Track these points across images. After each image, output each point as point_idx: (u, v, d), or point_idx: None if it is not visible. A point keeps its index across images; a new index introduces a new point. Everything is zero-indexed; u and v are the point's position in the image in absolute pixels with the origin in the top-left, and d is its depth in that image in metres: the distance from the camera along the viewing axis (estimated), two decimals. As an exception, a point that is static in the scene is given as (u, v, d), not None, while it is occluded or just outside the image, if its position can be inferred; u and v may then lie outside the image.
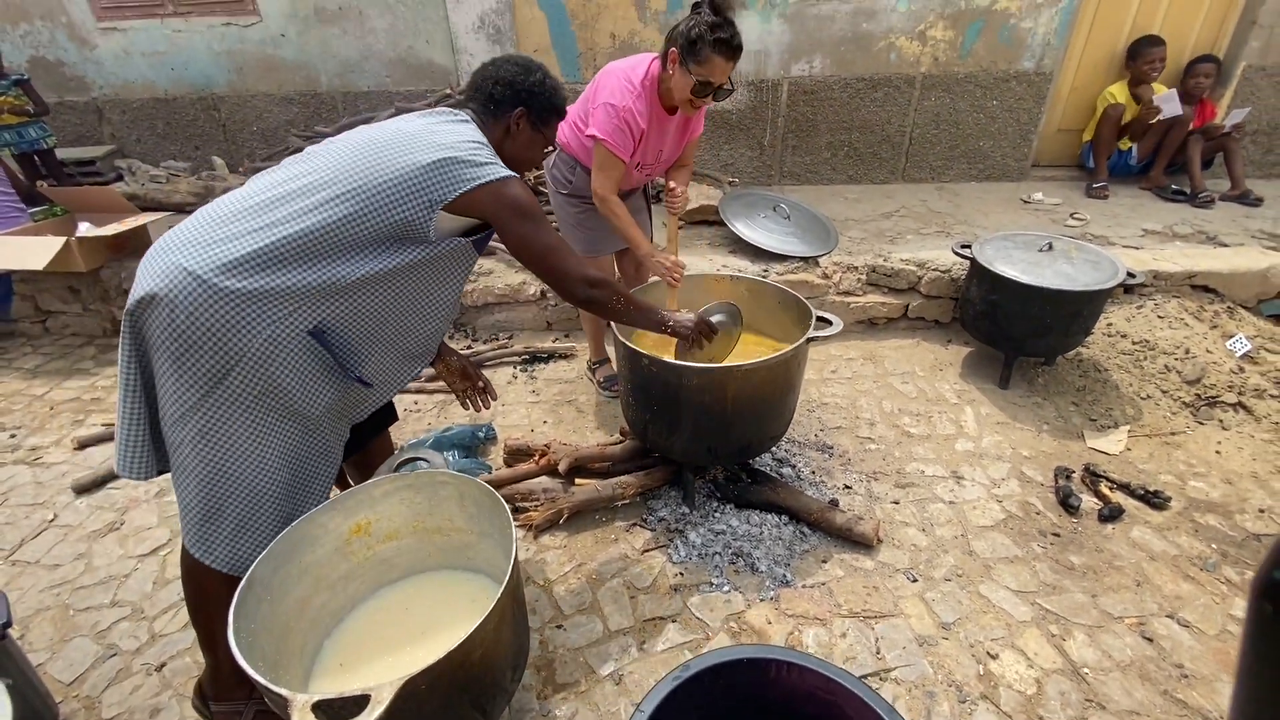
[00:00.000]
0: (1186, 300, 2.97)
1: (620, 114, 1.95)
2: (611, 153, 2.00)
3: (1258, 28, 3.76)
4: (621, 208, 2.10)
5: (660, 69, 1.98)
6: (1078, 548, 2.01)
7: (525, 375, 2.99)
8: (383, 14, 4.02)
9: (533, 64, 1.46)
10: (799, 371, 1.94)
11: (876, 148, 4.17)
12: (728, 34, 1.80)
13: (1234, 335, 2.81)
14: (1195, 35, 3.92)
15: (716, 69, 1.84)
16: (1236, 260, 3.03)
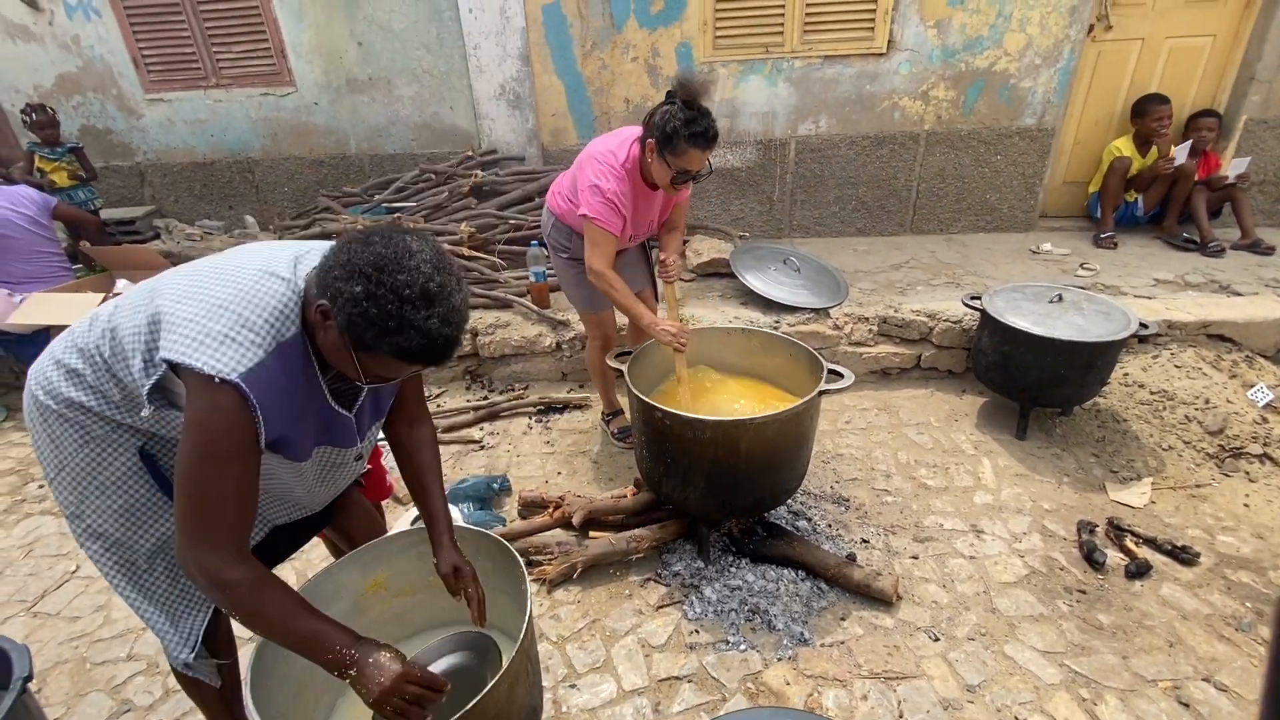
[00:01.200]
0: (1203, 349, 2.95)
1: (606, 195, 2.03)
2: (604, 229, 2.07)
3: (1256, 83, 3.85)
4: (619, 281, 2.15)
5: (640, 153, 2.06)
6: (1105, 606, 1.96)
7: (540, 426, 3.02)
8: (410, 83, 4.25)
9: (370, 272, 0.94)
10: (812, 424, 1.95)
11: (884, 201, 4.27)
12: (702, 127, 1.87)
13: (1254, 385, 2.78)
14: (1194, 91, 4.02)
15: (693, 160, 1.92)
16: (1252, 309, 3.02)
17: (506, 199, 4.00)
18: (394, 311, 0.93)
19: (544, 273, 3.30)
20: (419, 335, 0.95)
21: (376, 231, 1.00)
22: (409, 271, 0.94)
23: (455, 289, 0.99)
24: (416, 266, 0.95)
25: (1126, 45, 3.93)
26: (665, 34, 3.93)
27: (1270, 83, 3.84)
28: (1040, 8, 3.70)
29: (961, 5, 3.72)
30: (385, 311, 0.93)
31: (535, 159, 4.33)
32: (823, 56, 3.90)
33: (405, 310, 0.94)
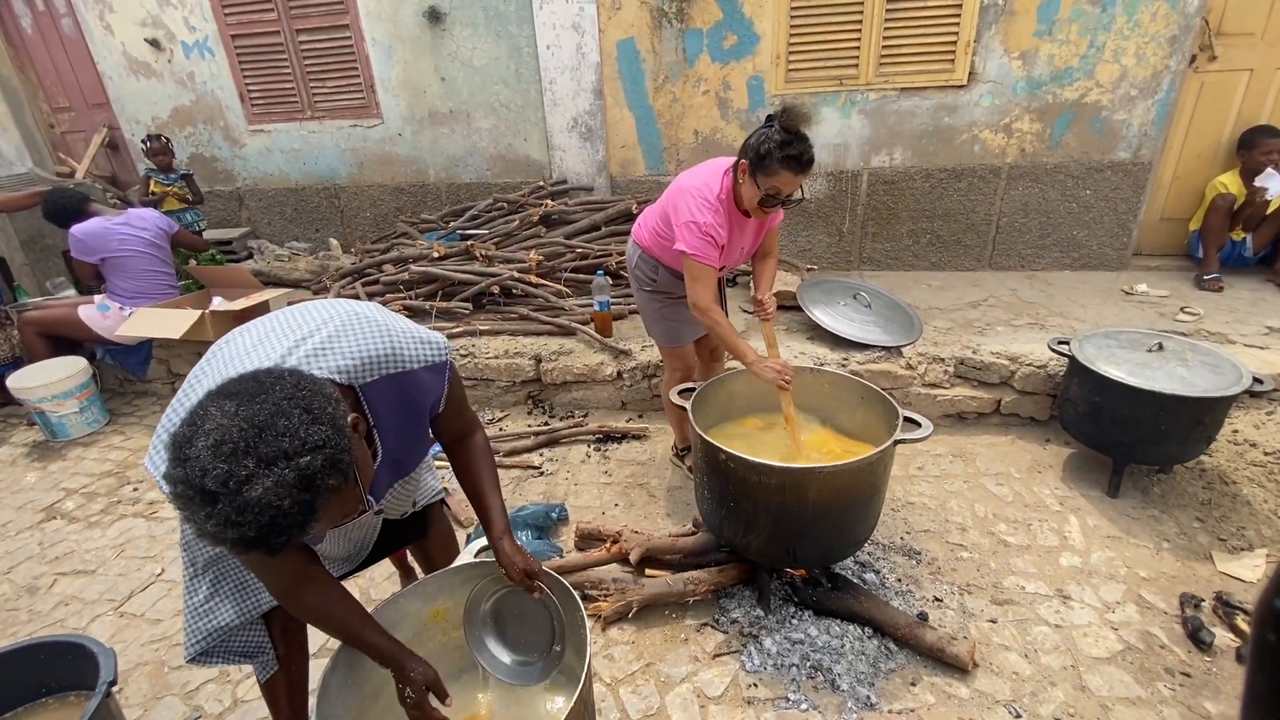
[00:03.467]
0: (1328, 408, 2.67)
1: (703, 229, 2.03)
2: (703, 264, 2.06)
3: (1388, 116, 3.52)
4: (723, 317, 2.15)
5: (732, 179, 2.05)
6: (1213, 693, 1.76)
7: (599, 455, 3.02)
8: (487, 116, 4.43)
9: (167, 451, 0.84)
10: (885, 475, 1.86)
11: (961, 235, 4.11)
12: (797, 150, 1.85)
13: (1392, 450, 2.48)
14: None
15: (785, 182, 1.90)
16: (1387, 365, 2.72)
17: (574, 228, 4.08)
18: (182, 502, 0.82)
19: (608, 302, 3.33)
20: (208, 537, 0.82)
21: (223, 390, 0.88)
22: (187, 463, 0.80)
23: (259, 476, 0.80)
24: (196, 456, 0.80)
25: (1233, 76, 3.68)
26: (737, 67, 3.95)
27: (1405, 115, 3.50)
28: (1136, 38, 3.51)
29: (1049, 36, 3.58)
30: (177, 496, 0.82)
31: (604, 189, 4.41)
32: (899, 89, 3.82)
33: (189, 508, 0.81)
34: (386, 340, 1.13)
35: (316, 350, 1.07)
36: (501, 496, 1.42)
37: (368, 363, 1.09)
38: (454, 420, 1.37)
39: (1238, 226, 3.71)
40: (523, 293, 3.69)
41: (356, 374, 1.08)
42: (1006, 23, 3.58)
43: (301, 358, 1.05)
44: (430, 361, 1.19)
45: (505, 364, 3.37)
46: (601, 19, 3.98)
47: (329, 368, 1.06)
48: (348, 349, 1.08)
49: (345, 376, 1.07)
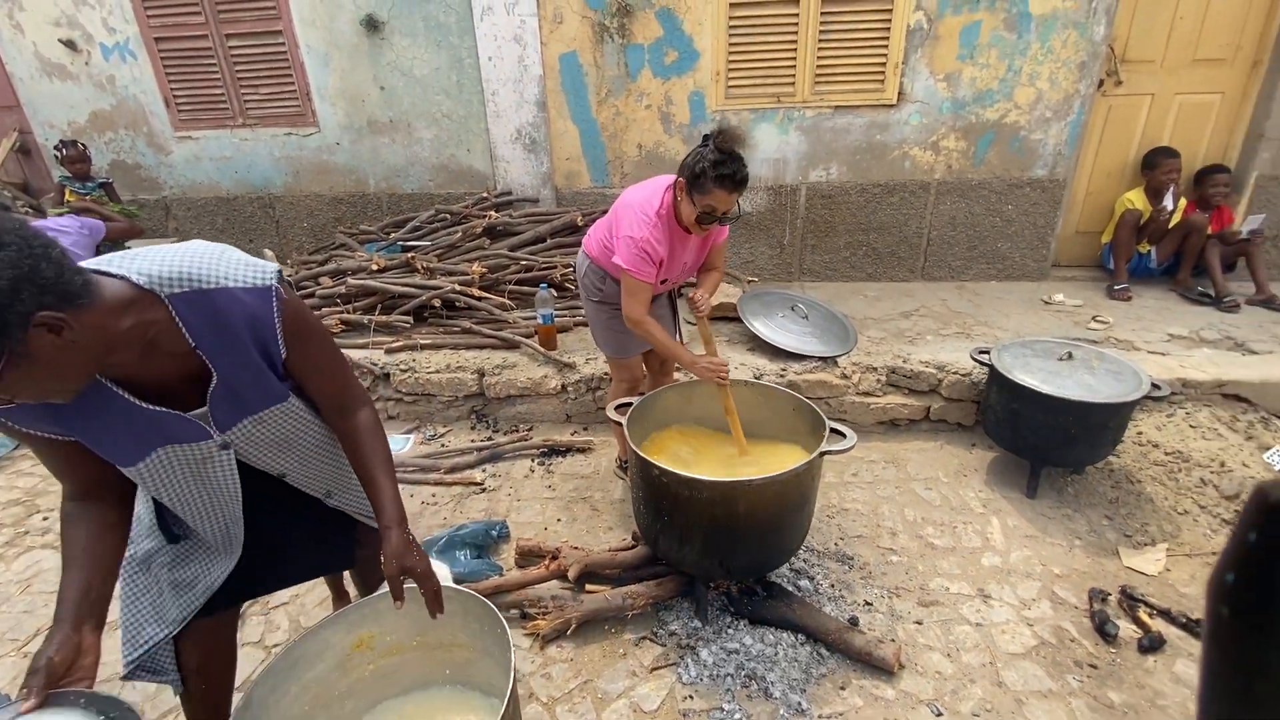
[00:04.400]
0: (1218, 410, 2.89)
1: (639, 244, 2.07)
2: (638, 279, 2.11)
3: (1266, 140, 3.85)
4: (655, 326, 2.20)
5: (673, 196, 2.10)
6: (1117, 682, 1.88)
7: (543, 469, 3.00)
8: (429, 126, 4.37)
9: None
10: (813, 485, 1.92)
11: (895, 248, 4.28)
12: (730, 170, 1.91)
13: (1271, 448, 2.70)
14: (1205, 147, 4.03)
15: (719, 200, 1.96)
16: (1268, 369, 2.97)
17: (519, 240, 4.06)
18: None
19: (552, 315, 3.33)
20: None
21: None
22: None
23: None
24: None
25: (1137, 100, 3.96)
26: (679, 83, 4.02)
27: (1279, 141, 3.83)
28: (1049, 63, 3.74)
29: (971, 60, 3.77)
30: None
31: (549, 201, 4.41)
32: (834, 106, 3.96)
33: None
34: (201, 258, 1.07)
35: (127, 256, 1.04)
36: (394, 482, 1.33)
37: (175, 273, 1.03)
38: (324, 384, 1.30)
39: (1144, 240, 3.99)
40: (466, 306, 3.65)
41: (162, 282, 1.02)
42: (932, 46, 3.77)
43: (108, 260, 1.02)
44: (249, 283, 1.10)
45: (448, 378, 3.32)
46: (543, 32, 3.99)
47: (132, 269, 1.00)
48: (158, 257, 1.04)
49: (147, 280, 1.01)
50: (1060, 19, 3.65)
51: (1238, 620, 0.45)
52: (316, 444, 1.38)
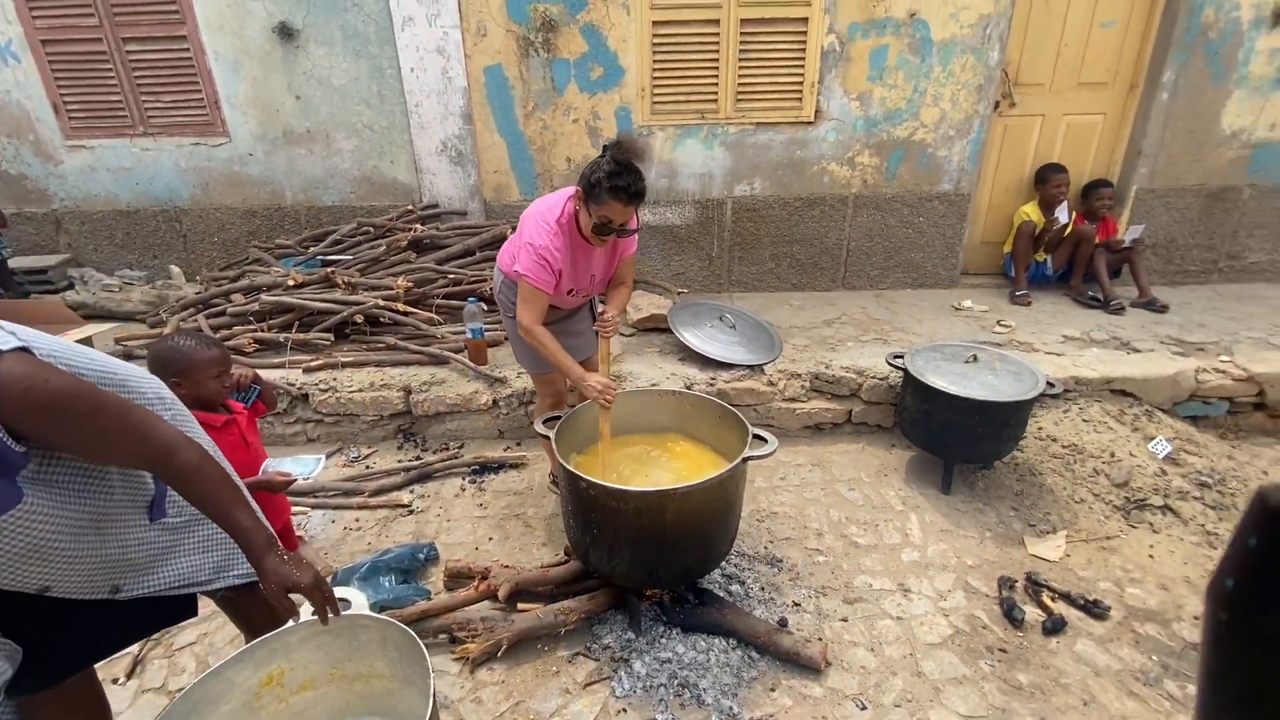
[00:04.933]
0: (1108, 404, 3.14)
1: (538, 251, 2.06)
2: (534, 287, 2.09)
3: (1143, 157, 4.24)
4: (547, 336, 2.16)
5: (574, 206, 2.11)
6: (1024, 664, 2.00)
7: (474, 487, 2.94)
8: (349, 137, 4.24)
9: None
10: (738, 491, 1.97)
11: (817, 259, 4.44)
12: (625, 182, 1.92)
13: (1154, 438, 2.96)
14: (1090, 162, 4.39)
15: (614, 212, 1.97)
16: (1149, 366, 3.25)
17: (447, 253, 3.99)
18: None
19: (481, 329, 3.28)
20: None
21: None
22: None
23: None
24: None
25: (1029, 120, 4.29)
26: (605, 98, 4.06)
27: (1155, 157, 4.23)
28: (951, 85, 4.00)
29: (881, 81, 3.99)
30: None
31: (477, 214, 4.34)
32: (755, 123, 4.09)
33: None
34: None
35: None
36: (247, 508, 1.22)
37: None
38: (109, 454, 1.12)
39: (1040, 249, 4.30)
40: (391, 321, 3.55)
41: None
42: (845, 67, 3.96)
43: None
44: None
45: (372, 397, 3.21)
46: (467, 45, 3.95)
47: None
48: None
49: None
50: (959, 44, 3.91)
51: (1237, 625, 0.45)
52: (79, 540, 1.14)
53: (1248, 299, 4.22)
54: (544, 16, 3.86)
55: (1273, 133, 4.15)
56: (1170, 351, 3.41)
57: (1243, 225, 4.40)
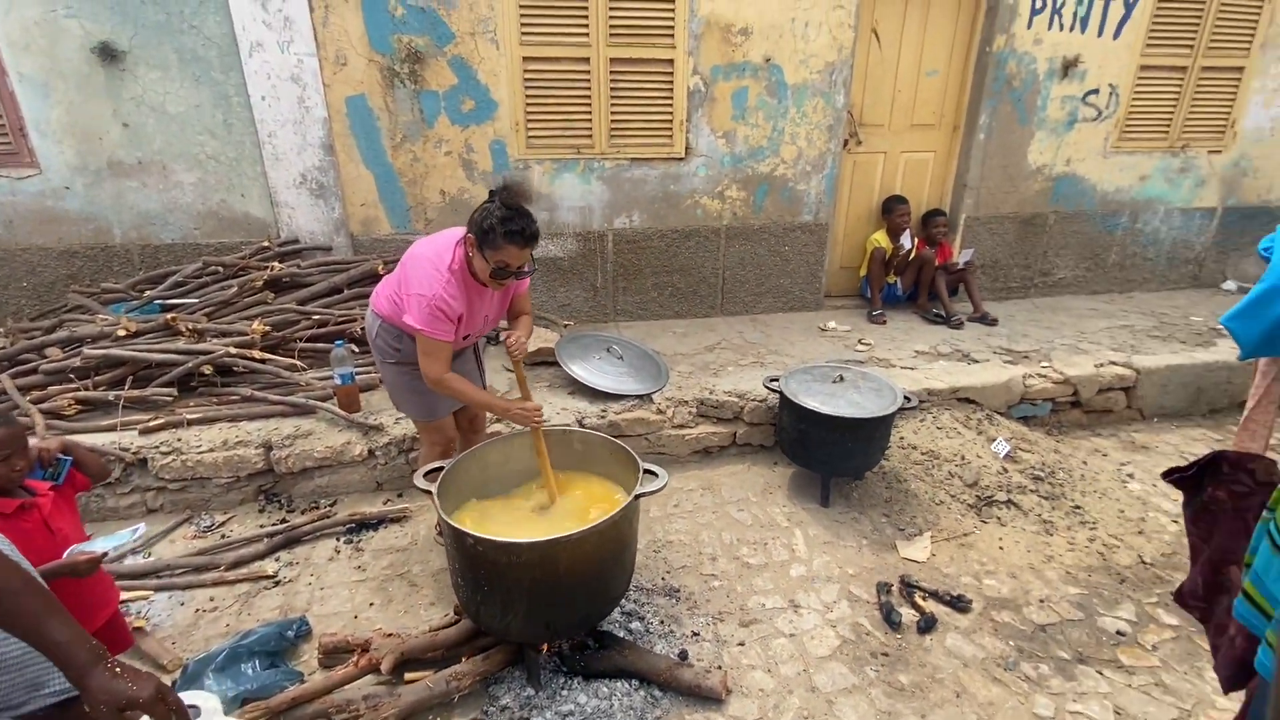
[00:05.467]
0: (956, 411, 3.49)
1: (432, 302, 1.99)
2: (435, 339, 2.02)
3: (969, 189, 4.82)
4: (462, 382, 2.11)
5: (464, 252, 2.06)
6: (904, 665, 2.14)
7: (351, 547, 2.71)
8: (191, 169, 3.85)
9: None
10: (632, 528, 1.96)
11: (696, 287, 4.61)
12: (519, 226, 1.92)
13: (995, 439, 3.33)
14: (927, 194, 4.93)
15: (511, 256, 1.96)
16: (986, 374, 3.66)
17: (310, 292, 3.71)
18: None
19: (352, 374, 3.06)
20: None
21: None
22: None
23: None
24: None
25: (874, 157, 4.75)
26: (478, 131, 4.00)
27: (977, 189, 4.82)
28: (805, 125, 4.34)
29: (743, 120, 4.25)
30: None
31: (344, 249, 4.09)
32: (630, 159, 4.20)
33: None
34: None
35: None
36: (59, 617, 1.06)
37: None
38: None
39: (891, 272, 4.75)
40: (246, 370, 3.22)
41: None
42: (710, 107, 4.18)
43: None
44: None
45: (225, 457, 2.88)
46: (326, 73, 3.74)
47: None
48: None
49: None
50: (810, 88, 4.27)
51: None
52: None
53: (1059, 310, 4.90)
54: (409, 48, 3.76)
55: (1068, 167, 4.89)
56: (1002, 360, 3.87)
57: (1050, 246, 5.11)
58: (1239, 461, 1.14)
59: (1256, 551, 0.97)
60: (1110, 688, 2.07)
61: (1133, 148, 4.92)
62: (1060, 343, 4.17)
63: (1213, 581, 1.20)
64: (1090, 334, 4.35)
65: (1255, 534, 0.96)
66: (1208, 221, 5.31)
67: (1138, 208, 5.13)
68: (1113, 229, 5.16)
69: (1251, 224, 5.36)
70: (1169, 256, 5.37)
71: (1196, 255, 5.42)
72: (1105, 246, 5.21)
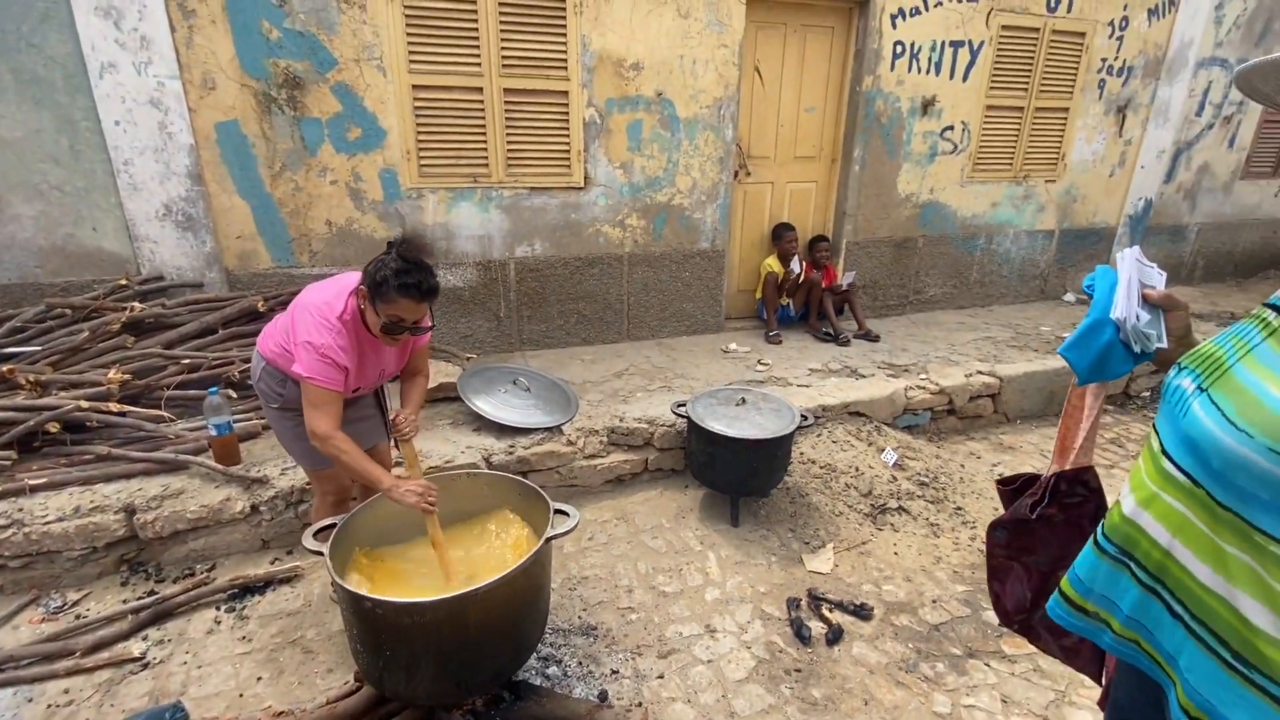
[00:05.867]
0: (849, 425, 3.72)
1: (321, 351, 1.88)
2: (323, 388, 1.89)
3: (848, 216, 5.19)
4: (347, 443, 1.94)
5: (357, 302, 1.97)
6: (817, 679, 2.22)
7: (233, 616, 2.46)
8: (30, 200, 3.41)
9: None
10: (544, 573, 1.92)
11: (602, 313, 4.64)
12: (415, 279, 1.84)
13: (884, 449, 3.56)
14: (811, 221, 5.27)
15: (405, 310, 1.88)
16: (872, 389, 3.93)
17: (180, 334, 3.39)
18: None
19: (229, 423, 2.81)
20: None
21: None
22: None
23: None
24: None
25: (762, 187, 5.01)
26: (366, 159, 3.84)
27: (855, 216, 5.20)
28: (698, 157, 4.52)
29: (639, 151, 4.36)
30: None
31: (218, 285, 3.77)
32: (529, 188, 4.19)
33: None
34: None
35: None
36: None
37: None
38: None
39: (784, 295, 5.00)
40: (101, 425, 2.88)
41: None
42: (606, 138, 4.26)
43: None
44: None
45: (78, 525, 2.55)
46: (191, 98, 3.46)
47: None
48: None
49: None
50: (700, 122, 4.45)
51: None
52: None
53: (932, 325, 5.36)
54: (287, 73, 3.56)
55: (932, 195, 5.38)
56: (886, 375, 4.17)
57: (921, 267, 5.60)
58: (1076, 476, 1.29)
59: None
60: (997, 678, 2.25)
61: (984, 178, 5.51)
62: (935, 355, 4.56)
63: (1042, 589, 1.33)
64: (959, 346, 4.79)
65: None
66: (1048, 242, 6.03)
67: (991, 231, 5.74)
68: (972, 250, 5.73)
69: (1083, 243, 6.14)
70: (1019, 273, 6.03)
71: (1041, 271, 6.12)
72: (967, 266, 5.77)
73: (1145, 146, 5.96)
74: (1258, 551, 0.80)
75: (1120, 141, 5.88)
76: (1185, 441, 0.89)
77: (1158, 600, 0.94)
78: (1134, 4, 5.42)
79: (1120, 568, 0.99)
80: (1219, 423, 0.83)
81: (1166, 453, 0.93)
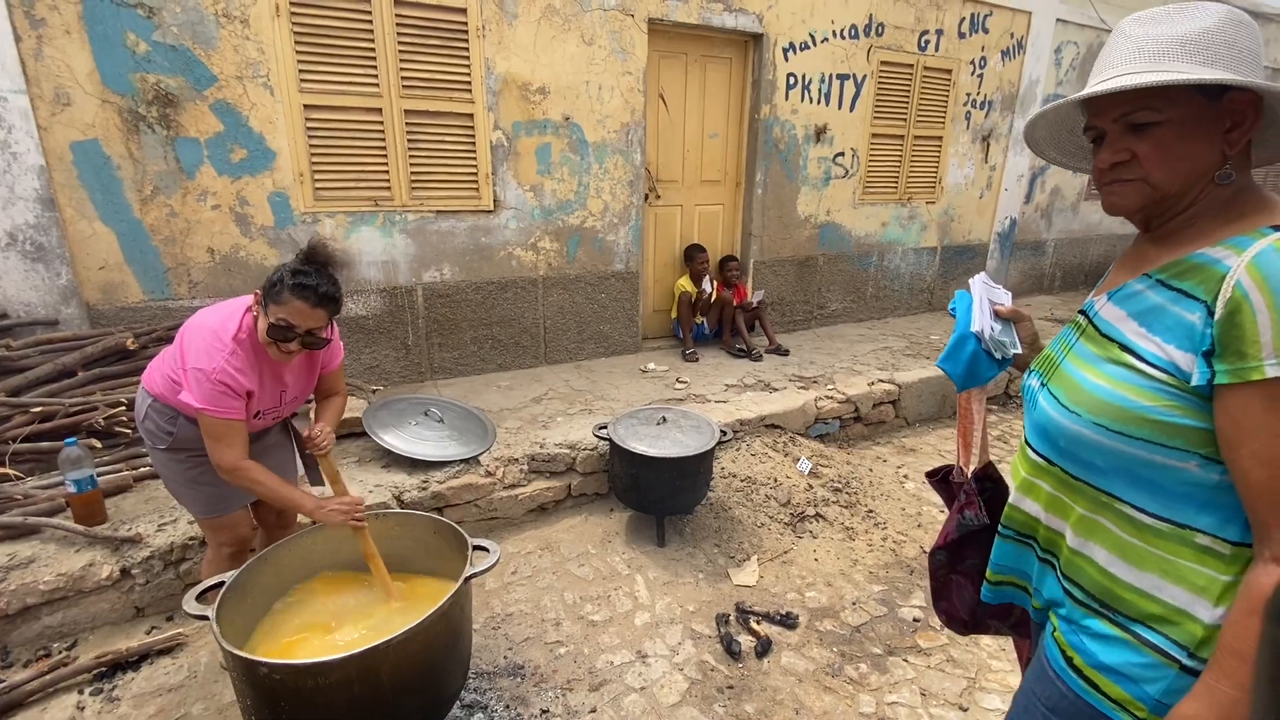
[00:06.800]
0: (765, 437, 3.81)
1: (213, 377, 1.71)
2: (222, 418, 1.72)
3: (754, 237, 5.40)
4: (262, 471, 1.79)
5: (253, 316, 1.82)
6: (749, 694, 2.22)
7: (100, 699, 2.15)
8: None
9: None
10: (464, 615, 1.81)
11: (518, 338, 4.54)
12: (311, 280, 1.75)
13: (799, 459, 3.68)
14: (720, 242, 5.43)
15: (295, 313, 1.75)
16: (785, 401, 4.06)
17: (29, 378, 2.99)
18: None
19: (92, 477, 2.48)
20: None
21: None
22: None
23: None
24: None
25: (672, 209, 5.12)
26: (253, 182, 3.57)
27: (760, 236, 5.42)
28: (608, 180, 4.56)
29: (549, 175, 4.34)
30: None
31: (76, 322, 3.36)
32: (435, 211, 4.05)
33: None
34: None
35: None
36: None
37: None
38: None
39: (698, 313, 5.10)
40: (-73, 490, 2.46)
41: None
42: (515, 161, 4.20)
43: None
44: None
45: (-107, 612, 2.14)
46: (40, 114, 3.10)
47: None
48: None
49: None
50: (609, 146, 4.50)
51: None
52: None
53: (835, 338, 5.63)
54: (157, 89, 3.27)
55: (829, 216, 5.70)
56: (796, 387, 4.32)
57: (822, 284, 5.89)
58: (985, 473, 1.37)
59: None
60: (915, 672, 2.34)
61: (874, 200, 5.91)
62: (840, 366, 4.78)
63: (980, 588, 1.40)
64: (861, 356, 5.06)
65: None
66: (932, 258, 6.53)
67: (883, 249, 6.14)
68: (867, 267, 6.11)
69: (962, 258, 6.70)
70: (909, 287, 6.49)
71: (928, 285, 6.61)
72: (863, 282, 6.14)
73: (1008, 171, 6.62)
74: (1106, 510, 0.95)
75: (986, 167, 6.50)
76: (1038, 429, 1.04)
77: (1051, 568, 1.08)
78: (990, 46, 6.04)
79: (1024, 547, 1.14)
80: (1056, 409, 0.99)
81: (1029, 443, 1.08)
